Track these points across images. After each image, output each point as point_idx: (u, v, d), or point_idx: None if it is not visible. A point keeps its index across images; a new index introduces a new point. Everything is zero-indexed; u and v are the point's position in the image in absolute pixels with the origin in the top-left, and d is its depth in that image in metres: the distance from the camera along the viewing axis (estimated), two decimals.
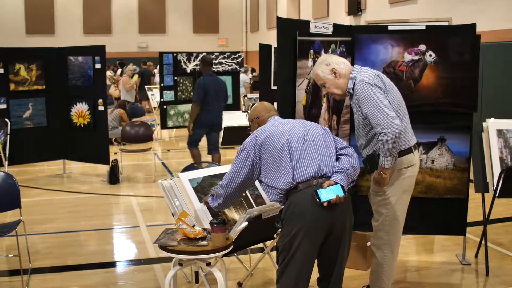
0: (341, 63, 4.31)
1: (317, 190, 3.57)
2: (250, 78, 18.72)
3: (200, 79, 9.31)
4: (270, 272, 5.45)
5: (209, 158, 9.39)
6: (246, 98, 15.45)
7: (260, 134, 3.82)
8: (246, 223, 4.27)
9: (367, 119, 4.13)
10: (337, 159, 3.83)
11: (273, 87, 10.43)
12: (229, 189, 3.94)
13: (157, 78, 17.42)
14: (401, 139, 4.05)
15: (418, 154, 4.45)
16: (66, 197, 8.74)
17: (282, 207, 3.77)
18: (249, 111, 12.21)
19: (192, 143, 9.27)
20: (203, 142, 9.36)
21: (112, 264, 5.90)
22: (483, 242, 5.61)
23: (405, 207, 4.41)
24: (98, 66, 9.54)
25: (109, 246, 6.49)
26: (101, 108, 9.55)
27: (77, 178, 9.91)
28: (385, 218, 4.36)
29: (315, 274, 3.79)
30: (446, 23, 6.12)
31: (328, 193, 3.57)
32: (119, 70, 20.42)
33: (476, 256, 5.89)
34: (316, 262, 3.79)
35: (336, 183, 3.64)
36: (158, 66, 16.18)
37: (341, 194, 3.59)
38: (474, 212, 6.35)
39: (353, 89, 4.23)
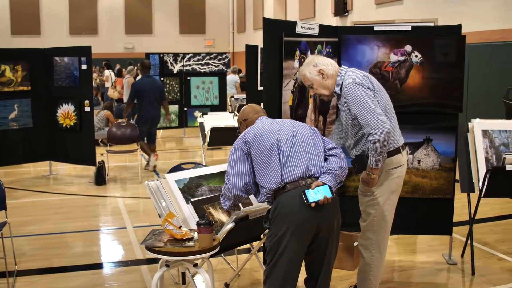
0: (329, 64, 4.32)
1: (305, 191, 3.58)
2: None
3: (135, 81, 10.51)
4: (257, 273, 5.45)
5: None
6: (232, 99, 15.46)
7: (249, 132, 3.82)
8: (233, 224, 4.27)
9: (356, 119, 4.14)
10: (326, 159, 3.84)
11: (260, 88, 10.45)
12: (236, 190, 3.84)
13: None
14: (389, 139, 4.07)
15: (406, 154, 4.46)
16: (52, 199, 8.70)
17: (270, 207, 3.77)
18: (235, 112, 12.24)
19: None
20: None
21: (98, 266, 5.87)
22: (469, 241, 5.64)
23: (393, 207, 4.42)
24: (84, 67, 9.50)
25: (96, 247, 6.47)
26: (87, 109, 9.51)
27: (63, 179, 9.87)
28: (373, 218, 4.37)
29: (302, 274, 3.80)
30: (432, 24, 6.15)
31: (316, 194, 3.58)
32: (106, 71, 20.32)
33: (462, 255, 5.92)
34: (303, 262, 3.80)
35: (324, 183, 3.65)
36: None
37: (329, 195, 3.60)
38: (460, 212, 6.39)
39: (340, 89, 4.24)
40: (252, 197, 4.79)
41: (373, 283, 4.44)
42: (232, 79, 16.94)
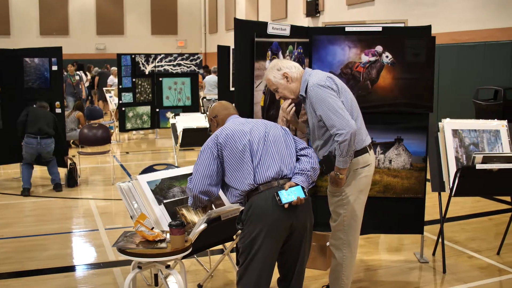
0: (292, 67, 4.32)
1: (278, 192, 3.59)
2: None
3: None
4: (230, 274, 5.45)
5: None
6: (205, 99, 15.42)
7: (220, 133, 3.80)
8: (205, 224, 4.26)
9: (322, 121, 4.15)
10: (297, 159, 3.85)
11: (232, 89, 10.45)
12: (195, 190, 3.83)
13: (114, 80, 17.25)
14: (356, 139, 4.09)
15: (373, 153, 4.49)
16: (24, 201, 8.60)
17: (242, 208, 3.77)
18: (207, 113, 12.21)
19: None
20: None
21: (71, 268, 5.83)
22: (440, 240, 5.69)
23: (362, 206, 4.45)
24: (54, 68, 9.41)
25: (68, 250, 6.41)
26: (58, 110, 9.42)
27: (34, 181, 9.75)
28: (343, 218, 4.38)
29: (275, 274, 3.80)
30: (402, 25, 6.20)
31: (289, 195, 3.59)
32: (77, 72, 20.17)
33: (433, 254, 5.97)
34: (276, 262, 3.81)
35: (297, 184, 3.66)
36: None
37: (302, 195, 3.61)
38: (431, 211, 6.45)
39: (305, 92, 4.25)
40: (224, 198, 4.79)
41: (345, 282, 4.46)
42: (213, 79, 16.76)
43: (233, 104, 4.62)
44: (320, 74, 4.27)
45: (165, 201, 4.62)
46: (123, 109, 14.36)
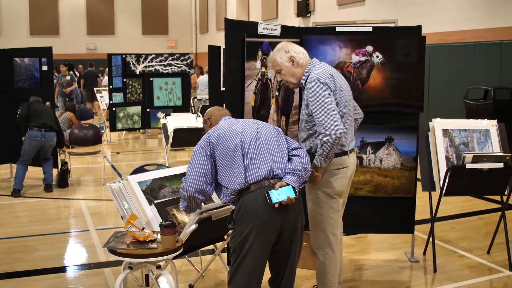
0: (300, 53, 4.32)
1: (269, 192, 3.59)
2: None
3: None
4: (221, 274, 5.44)
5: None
6: (195, 99, 15.40)
7: (213, 133, 3.80)
8: (196, 225, 4.26)
9: (312, 116, 4.15)
10: (289, 159, 3.85)
11: (222, 89, 10.44)
12: (191, 189, 3.81)
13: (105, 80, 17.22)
14: (339, 142, 4.09)
15: (354, 157, 4.48)
16: (14, 202, 8.57)
17: (233, 207, 3.77)
18: (198, 113, 12.22)
19: None
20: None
21: (61, 269, 5.81)
22: (430, 239, 5.71)
23: (339, 205, 4.40)
24: (45, 68, 9.38)
25: (59, 250, 6.39)
26: None
27: (24, 182, 9.72)
28: (320, 217, 4.37)
29: (266, 274, 3.81)
30: (393, 25, 6.21)
31: (280, 195, 3.59)
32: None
33: (424, 253, 5.99)
34: (268, 262, 3.81)
35: (288, 184, 3.66)
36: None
37: (293, 195, 3.61)
38: (421, 210, 6.46)
39: (305, 82, 4.24)
40: (215, 198, 4.79)
41: (331, 281, 4.43)
42: (206, 79, 16.65)
43: (224, 105, 4.63)
44: (323, 69, 4.25)
45: (156, 202, 4.62)
46: (114, 109, 14.33)
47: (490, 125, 5.77)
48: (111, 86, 14.30)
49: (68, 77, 17.51)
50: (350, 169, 4.39)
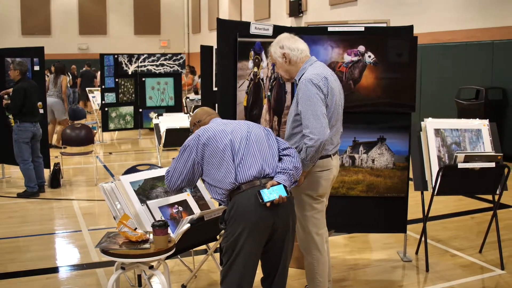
0: (295, 50, 4.25)
1: (260, 191, 3.59)
2: None
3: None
4: (214, 274, 5.44)
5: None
6: (188, 99, 15.40)
7: (203, 133, 3.80)
8: (188, 225, 4.26)
9: (299, 115, 4.14)
10: (280, 159, 3.85)
11: (215, 89, 10.42)
12: (171, 186, 3.94)
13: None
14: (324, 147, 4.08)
15: (337, 160, 4.47)
16: (6, 202, 8.54)
17: (225, 207, 3.77)
18: (191, 113, 12.20)
19: None
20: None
21: (54, 270, 5.78)
22: (423, 239, 5.72)
23: (323, 207, 4.41)
24: (36, 68, 9.35)
25: (51, 251, 6.37)
26: (41, 111, 9.34)
27: (16, 182, 9.69)
28: (304, 218, 4.38)
29: (259, 273, 3.81)
30: (385, 25, 6.22)
31: (271, 194, 3.59)
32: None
33: (416, 252, 6.01)
34: (260, 261, 3.81)
35: (279, 183, 3.66)
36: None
37: (284, 194, 3.62)
38: (414, 210, 6.48)
39: (299, 80, 4.23)
40: (208, 199, 4.80)
41: (320, 281, 4.43)
42: None
43: (216, 105, 4.63)
44: (318, 70, 4.19)
45: (148, 202, 4.61)
46: (106, 109, 14.31)
47: (482, 124, 5.79)
48: (103, 86, 14.28)
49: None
50: (332, 172, 4.37)
